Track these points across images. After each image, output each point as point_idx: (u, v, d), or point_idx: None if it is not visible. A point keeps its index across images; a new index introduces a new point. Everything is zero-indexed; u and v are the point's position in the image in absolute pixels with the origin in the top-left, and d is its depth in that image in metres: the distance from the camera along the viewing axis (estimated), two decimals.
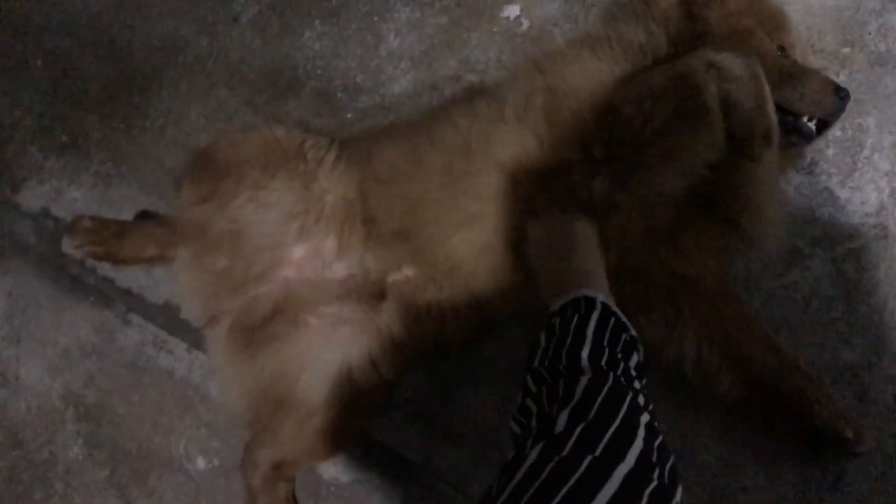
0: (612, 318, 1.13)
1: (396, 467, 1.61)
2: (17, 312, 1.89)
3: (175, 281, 1.70)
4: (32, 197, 1.98)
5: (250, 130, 1.66)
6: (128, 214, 1.87)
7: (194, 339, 1.75)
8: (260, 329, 1.60)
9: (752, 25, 1.43)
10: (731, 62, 1.30)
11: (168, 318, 1.79)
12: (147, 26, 2.07)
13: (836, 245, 1.54)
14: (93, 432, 1.79)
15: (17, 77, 2.10)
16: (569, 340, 1.07)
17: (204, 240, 1.61)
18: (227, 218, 1.58)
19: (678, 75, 1.31)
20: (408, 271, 1.50)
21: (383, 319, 1.51)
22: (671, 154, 1.35)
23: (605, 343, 1.08)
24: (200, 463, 1.72)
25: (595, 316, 1.12)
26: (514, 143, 1.39)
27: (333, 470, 1.67)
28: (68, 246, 1.61)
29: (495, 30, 1.83)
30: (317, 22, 1.95)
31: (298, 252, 1.60)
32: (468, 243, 1.44)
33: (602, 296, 1.18)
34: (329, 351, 1.56)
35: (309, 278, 1.58)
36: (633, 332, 1.14)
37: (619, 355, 1.07)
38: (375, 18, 1.91)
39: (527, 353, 1.16)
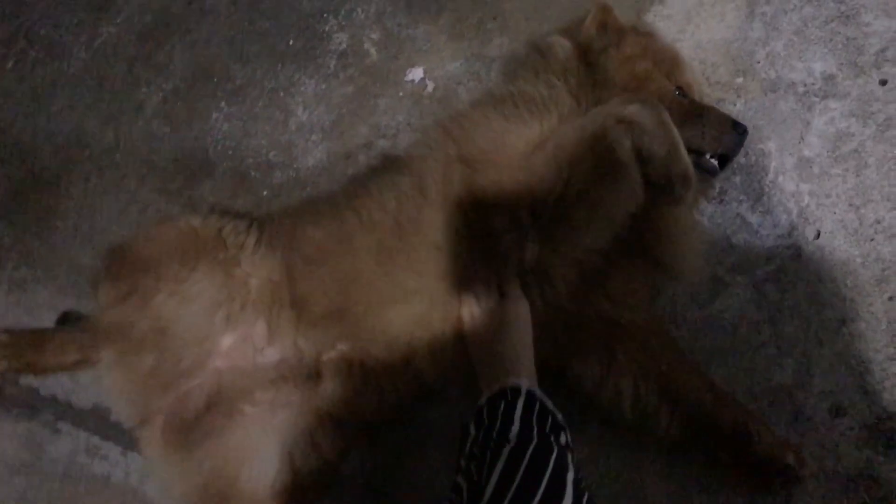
0: (538, 403, 1.15)
1: None
2: None
3: (102, 384, 1.64)
4: None
5: (165, 223, 1.65)
6: (48, 319, 1.84)
7: (128, 440, 1.72)
8: (195, 424, 1.58)
9: (649, 68, 1.49)
10: (640, 113, 1.36)
11: (99, 422, 1.76)
12: (50, 124, 2.05)
13: (754, 270, 1.59)
14: None
15: None
16: (497, 424, 1.09)
17: (128, 340, 1.59)
18: (149, 316, 1.57)
19: (591, 135, 1.37)
20: (343, 348, 1.52)
21: (322, 399, 1.51)
22: (595, 211, 1.41)
23: (534, 423, 1.10)
24: None
25: (520, 402, 1.14)
26: (443, 222, 1.42)
27: None
28: None
29: (401, 94, 1.86)
30: (223, 103, 1.96)
31: (227, 341, 1.59)
32: (405, 317, 1.49)
33: (527, 382, 1.20)
34: (268, 439, 1.54)
35: (240, 366, 1.57)
36: (560, 417, 1.16)
37: (548, 432, 1.09)
38: (282, 94, 1.93)
39: (458, 442, 1.16)
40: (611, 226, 1.39)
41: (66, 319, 1.76)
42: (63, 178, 1.94)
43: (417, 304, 1.46)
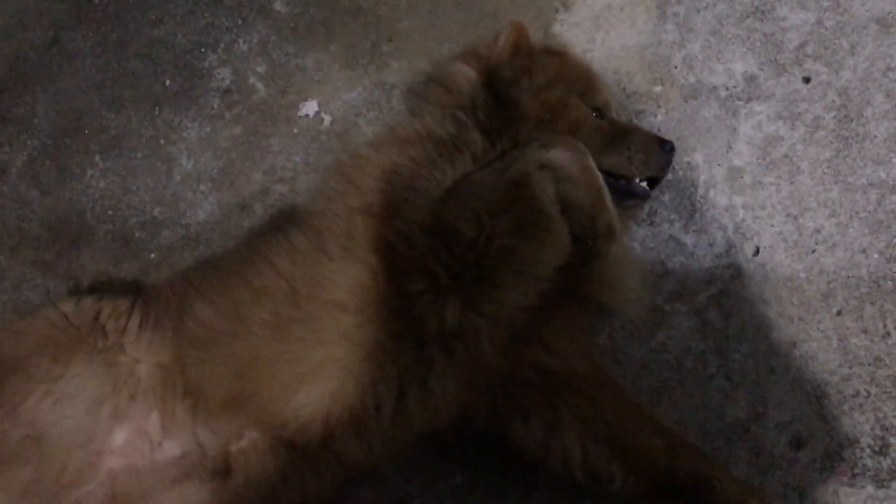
0: None
1: None
2: None
3: None
4: None
5: (32, 313, 1.39)
6: None
7: None
8: None
9: (563, 96, 1.33)
10: (562, 158, 1.26)
11: None
12: None
13: (694, 296, 1.45)
14: None
15: None
16: None
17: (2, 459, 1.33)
18: (20, 423, 1.35)
19: (512, 183, 1.26)
20: (251, 436, 1.33)
21: (234, 495, 1.30)
22: (520, 268, 1.29)
23: None
24: None
25: None
26: (346, 280, 1.24)
27: None
28: None
29: (296, 131, 1.66)
30: (97, 158, 1.73)
31: (119, 437, 1.38)
32: (316, 396, 1.30)
33: None
34: None
35: (137, 465, 1.38)
36: None
37: None
38: (162, 141, 1.70)
39: None
40: (537, 282, 1.21)
41: None
42: None
43: (327, 378, 1.27)
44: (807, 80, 1.57)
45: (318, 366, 1.31)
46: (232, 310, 1.31)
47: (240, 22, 1.82)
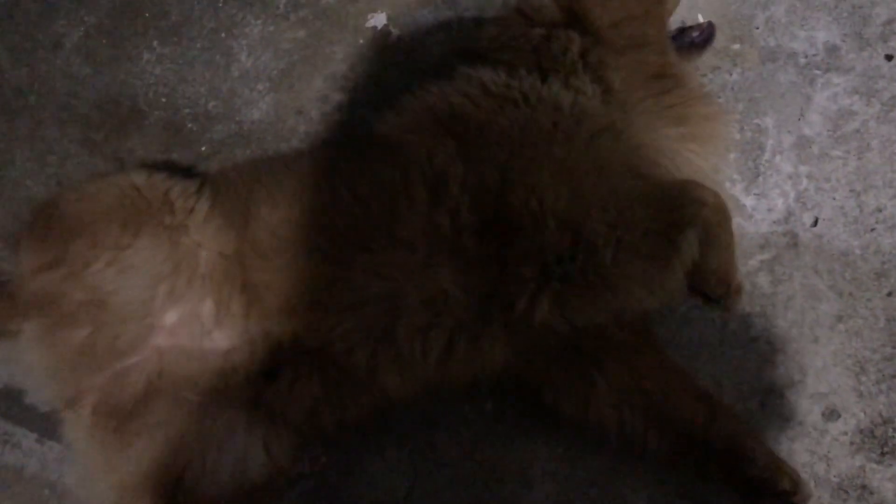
0: None
1: None
2: None
3: (16, 360, 1.38)
4: None
5: (104, 178, 1.43)
6: None
7: (44, 426, 1.58)
8: (132, 410, 1.37)
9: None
10: (715, 209, 1.27)
11: (10, 405, 1.56)
12: None
13: (748, 258, 1.44)
14: None
15: None
16: None
17: (56, 312, 1.36)
18: (83, 286, 1.35)
19: (663, 195, 1.28)
20: (302, 348, 1.37)
21: (275, 399, 1.38)
22: (625, 296, 1.30)
23: None
24: None
25: None
26: (425, 224, 1.33)
27: None
28: None
29: (361, 41, 1.64)
30: (155, 43, 1.69)
31: (171, 317, 1.38)
32: (367, 326, 1.34)
33: None
34: (217, 437, 1.37)
35: (185, 347, 1.39)
36: None
37: None
38: (223, 35, 1.67)
39: None
40: (626, 311, 1.30)
41: None
42: None
43: (381, 312, 1.31)
44: (889, 57, 1.54)
45: (374, 298, 1.30)
46: (299, 223, 1.29)
47: None
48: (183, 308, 1.36)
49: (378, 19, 1.68)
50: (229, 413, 1.36)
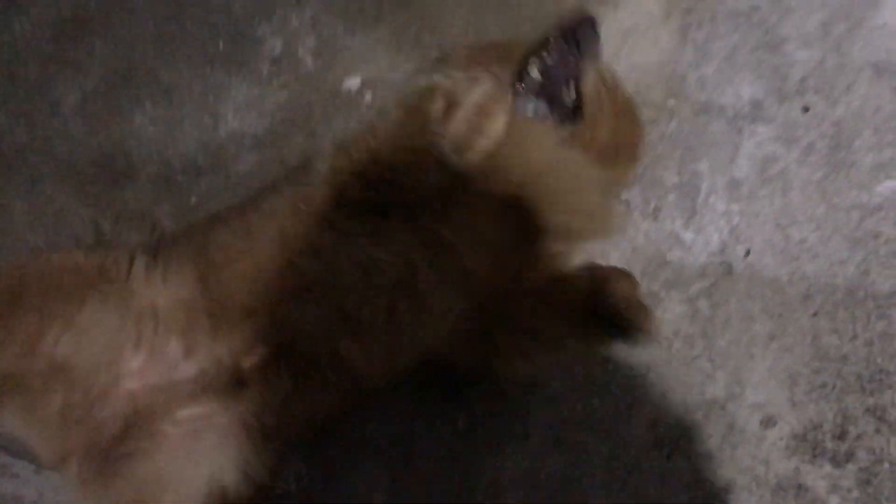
0: None
1: None
2: None
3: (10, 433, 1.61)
4: None
5: (37, 258, 1.70)
6: None
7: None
8: (113, 450, 1.55)
9: None
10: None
11: (8, 441, 1.70)
12: None
13: (688, 286, 1.72)
14: None
15: None
16: None
17: (25, 388, 1.53)
18: (42, 357, 1.51)
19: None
20: (263, 350, 1.55)
21: (249, 409, 1.55)
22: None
23: None
24: None
25: None
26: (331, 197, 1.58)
27: None
28: None
29: (338, 102, 1.93)
30: (147, 105, 1.98)
31: (136, 362, 1.57)
32: (319, 308, 1.54)
33: None
34: (194, 461, 1.53)
35: (155, 384, 1.57)
36: None
37: None
38: (211, 98, 1.96)
39: None
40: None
41: None
42: None
43: (326, 291, 1.53)
44: (806, 109, 1.88)
45: (316, 280, 1.53)
46: (245, 230, 1.55)
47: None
48: (147, 352, 1.54)
49: (353, 83, 2.00)
50: (206, 435, 1.54)
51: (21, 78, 2.09)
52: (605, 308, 1.54)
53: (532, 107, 1.60)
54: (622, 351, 1.72)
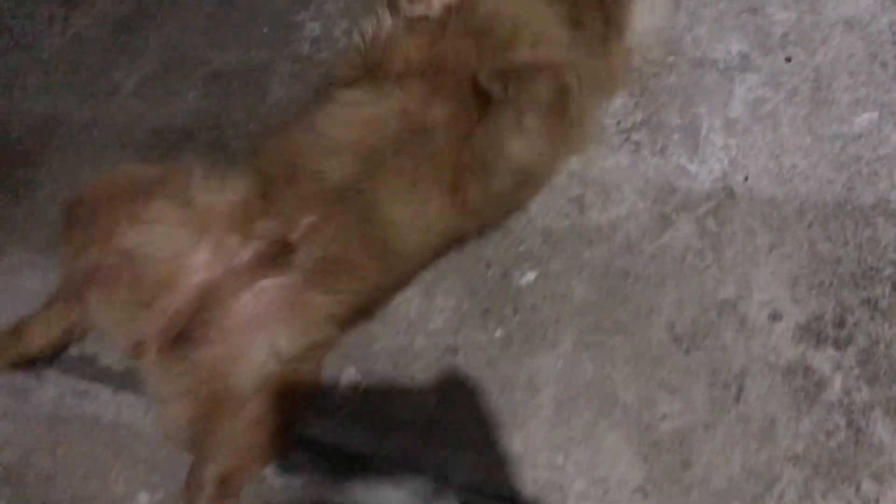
0: None
1: (347, 462, 1.89)
2: None
3: (93, 326, 1.92)
4: None
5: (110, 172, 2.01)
6: (28, 277, 2.11)
7: (118, 382, 1.96)
8: (184, 336, 1.85)
9: None
10: None
11: (87, 368, 2.02)
12: (24, 104, 2.38)
13: (696, 208, 2.08)
14: (17, 493, 1.93)
15: None
16: None
17: (102, 281, 1.85)
18: (114, 251, 1.82)
19: None
20: (309, 219, 1.85)
21: (301, 275, 1.85)
22: None
23: None
24: (143, 498, 1.92)
25: None
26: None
27: (283, 478, 1.90)
28: None
29: None
30: (199, 83, 2.37)
31: (201, 256, 1.86)
32: (340, 174, 1.86)
33: None
34: (256, 336, 1.83)
35: (219, 274, 1.87)
36: None
37: None
38: (257, 74, 2.34)
39: None
40: None
41: None
42: (39, 151, 2.25)
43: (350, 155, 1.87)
44: (788, 59, 2.28)
45: (341, 146, 1.90)
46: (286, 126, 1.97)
47: None
48: (210, 247, 1.87)
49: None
50: (266, 312, 1.86)
51: (85, 65, 2.48)
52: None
53: None
54: (640, 265, 2.03)
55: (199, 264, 1.88)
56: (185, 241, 1.85)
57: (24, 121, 2.35)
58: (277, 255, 1.88)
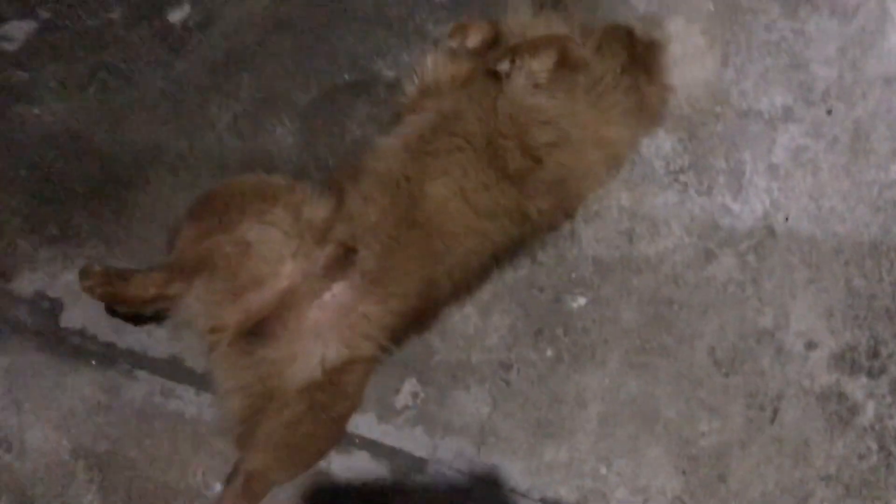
0: None
1: (406, 464, 2.06)
2: (17, 385, 2.29)
3: (178, 335, 2.16)
4: (26, 283, 2.43)
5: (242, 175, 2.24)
6: None
7: (200, 383, 2.17)
8: (257, 332, 2.03)
9: None
10: None
11: (173, 369, 2.25)
12: (127, 136, 2.65)
13: (738, 244, 2.24)
14: (106, 479, 2.15)
15: (1, 187, 2.56)
16: None
17: (211, 264, 2.05)
18: (233, 240, 1.95)
19: None
20: (369, 217, 1.98)
21: (360, 278, 2.01)
22: None
23: None
24: (219, 488, 2.10)
25: None
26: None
27: (346, 474, 2.07)
28: (84, 287, 2.07)
29: None
30: (286, 121, 2.61)
31: (291, 266, 1.98)
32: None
33: None
34: (314, 345, 1.99)
35: (300, 282, 2.06)
36: None
37: None
38: (339, 115, 2.58)
39: None
40: None
41: None
42: (140, 177, 2.50)
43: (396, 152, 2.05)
44: (829, 112, 2.45)
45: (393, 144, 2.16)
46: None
47: (403, 42, 2.76)
48: (300, 259, 2.06)
49: None
50: (329, 319, 2.04)
51: (184, 103, 2.75)
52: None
53: None
54: (684, 294, 2.19)
55: (288, 272, 2.07)
56: (285, 249, 2.06)
57: (129, 150, 2.60)
58: (343, 257, 2.06)
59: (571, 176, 2.00)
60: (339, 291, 2.05)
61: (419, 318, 2.02)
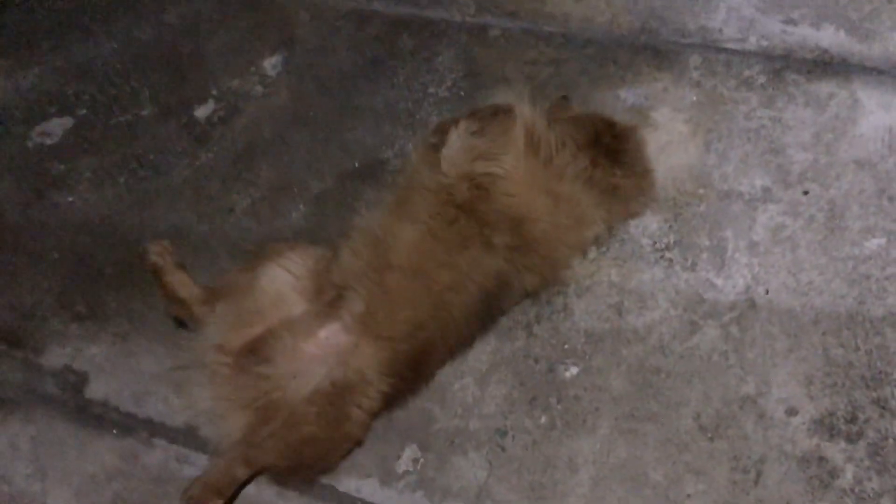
0: None
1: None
2: (42, 453, 2.41)
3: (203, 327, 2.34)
4: (54, 357, 2.59)
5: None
6: (146, 364, 2.49)
7: (214, 450, 2.28)
8: (257, 354, 2.22)
9: None
10: None
11: (189, 437, 2.37)
12: (152, 221, 2.83)
13: (721, 316, 2.36)
14: None
15: (35, 268, 2.79)
16: None
17: (230, 293, 2.37)
18: (253, 275, 2.32)
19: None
20: (355, 267, 2.23)
21: (352, 328, 2.21)
22: None
23: None
24: None
25: None
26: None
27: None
28: (151, 251, 2.46)
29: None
30: (301, 206, 2.78)
31: (301, 307, 2.23)
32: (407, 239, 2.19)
33: None
34: (315, 366, 2.09)
35: (302, 319, 2.28)
36: None
37: None
38: (349, 199, 2.76)
39: None
40: None
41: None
42: None
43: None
44: (805, 193, 2.59)
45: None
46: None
47: (410, 132, 2.96)
48: (308, 301, 2.32)
49: None
50: (333, 348, 2.24)
51: (206, 189, 2.94)
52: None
53: None
54: (671, 363, 2.31)
55: (289, 307, 2.32)
56: (291, 288, 2.34)
57: (152, 233, 2.78)
58: (336, 299, 2.28)
59: (527, 216, 2.15)
60: (332, 332, 2.24)
61: (414, 365, 2.24)
